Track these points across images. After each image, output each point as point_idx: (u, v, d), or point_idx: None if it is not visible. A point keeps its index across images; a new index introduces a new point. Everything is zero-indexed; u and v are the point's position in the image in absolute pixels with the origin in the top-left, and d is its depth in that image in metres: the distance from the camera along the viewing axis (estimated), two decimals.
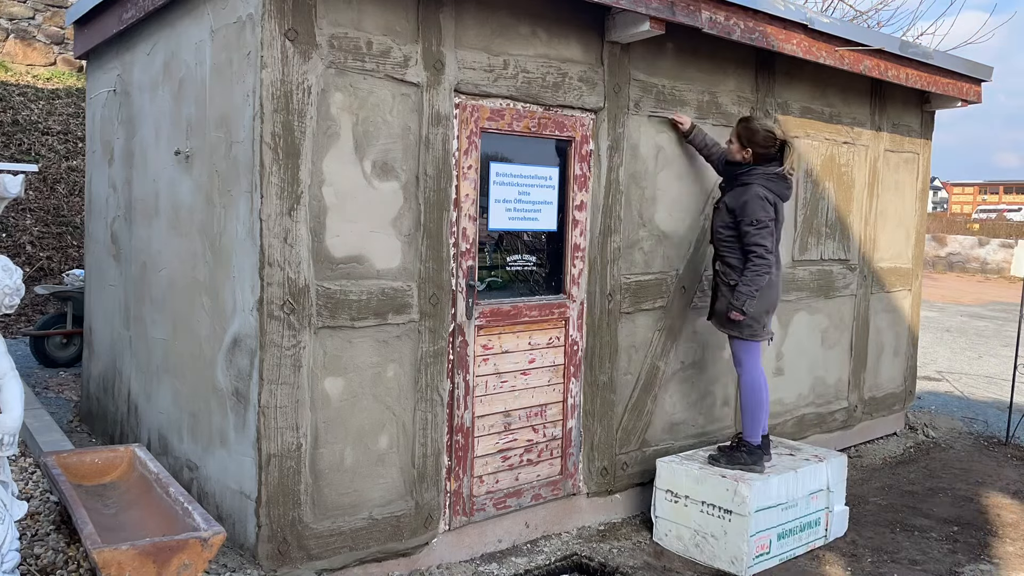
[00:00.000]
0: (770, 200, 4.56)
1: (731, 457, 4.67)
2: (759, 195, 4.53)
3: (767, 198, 4.54)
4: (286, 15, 3.45)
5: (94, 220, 5.78)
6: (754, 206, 4.52)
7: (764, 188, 4.55)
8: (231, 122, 3.71)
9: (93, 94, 5.74)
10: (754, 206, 4.52)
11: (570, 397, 4.65)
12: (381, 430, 3.88)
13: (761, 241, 4.50)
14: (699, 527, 4.54)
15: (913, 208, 7.03)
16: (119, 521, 3.65)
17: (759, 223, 4.51)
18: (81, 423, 5.83)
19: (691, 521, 4.58)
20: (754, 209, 4.52)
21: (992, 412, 8.07)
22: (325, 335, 3.66)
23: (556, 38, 4.39)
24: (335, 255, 3.68)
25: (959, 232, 28.46)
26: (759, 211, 4.51)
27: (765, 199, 4.53)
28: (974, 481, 6.11)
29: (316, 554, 3.69)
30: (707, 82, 5.19)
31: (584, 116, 4.57)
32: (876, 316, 6.71)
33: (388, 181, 3.82)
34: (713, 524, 4.49)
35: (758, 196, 4.52)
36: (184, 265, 4.24)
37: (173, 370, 4.39)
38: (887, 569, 4.56)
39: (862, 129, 6.36)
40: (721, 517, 4.46)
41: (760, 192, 4.53)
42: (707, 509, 4.51)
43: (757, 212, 4.51)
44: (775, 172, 4.59)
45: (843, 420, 6.46)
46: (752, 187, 4.55)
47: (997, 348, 11.92)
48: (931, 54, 6.26)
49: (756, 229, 4.51)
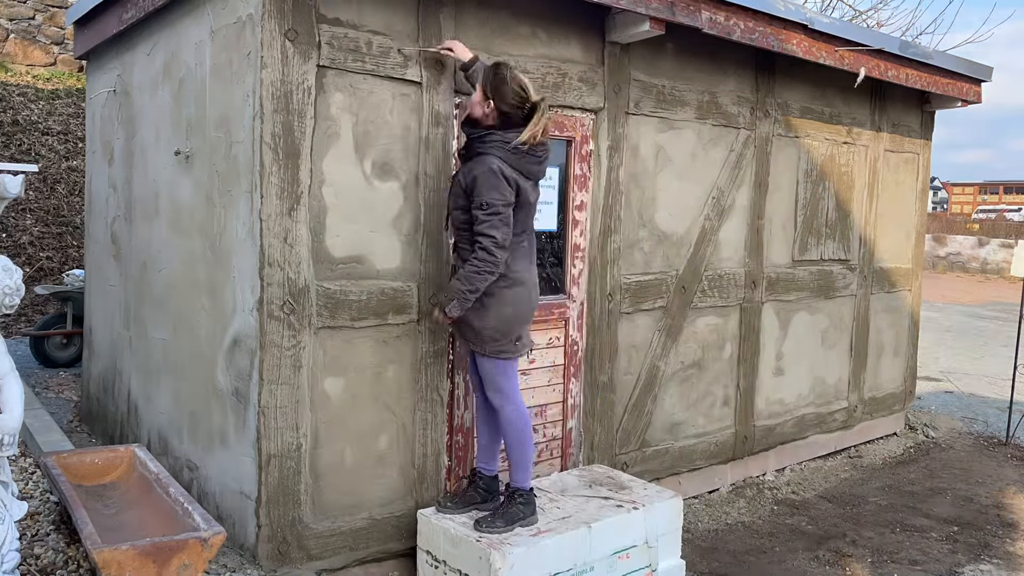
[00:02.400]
0: (508, 177, 3.53)
1: (507, 514, 3.68)
2: (493, 169, 3.51)
3: (503, 173, 3.52)
4: (286, 15, 3.45)
5: (94, 220, 5.78)
6: (484, 183, 3.50)
7: (500, 161, 3.53)
8: (231, 122, 3.71)
9: (93, 94, 5.73)
10: (484, 183, 3.50)
11: (570, 397, 4.65)
12: (381, 430, 3.88)
13: (489, 231, 3.50)
14: None
15: (913, 208, 7.03)
16: (119, 521, 3.65)
17: (488, 206, 3.50)
18: (81, 423, 5.83)
19: None
20: (483, 187, 3.50)
21: (992, 412, 8.07)
22: (325, 335, 3.66)
23: (556, 38, 4.39)
24: (335, 255, 3.68)
25: (959, 232, 28.46)
26: (490, 190, 3.49)
27: (500, 174, 3.51)
28: (974, 481, 6.11)
29: (316, 554, 3.69)
30: (707, 82, 5.19)
31: (584, 116, 4.57)
32: (876, 316, 6.71)
33: (388, 181, 3.82)
34: None
35: (491, 171, 3.51)
36: (184, 265, 4.24)
37: (173, 370, 4.39)
38: (887, 569, 4.56)
39: (862, 129, 6.36)
40: None
41: (494, 165, 3.51)
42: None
43: (487, 192, 3.50)
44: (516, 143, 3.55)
45: (843, 420, 6.46)
46: (486, 158, 3.55)
47: (997, 348, 11.92)
48: (931, 54, 6.27)
49: (485, 214, 3.50)
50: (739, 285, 5.54)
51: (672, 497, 4.14)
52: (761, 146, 5.58)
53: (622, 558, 3.88)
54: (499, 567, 3.42)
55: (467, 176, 3.59)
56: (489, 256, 3.51)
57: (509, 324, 3.66)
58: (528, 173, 3.64)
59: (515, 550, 3.48)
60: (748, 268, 5.59)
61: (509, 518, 3.68)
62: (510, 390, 3.74)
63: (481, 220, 3.52)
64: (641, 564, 3.95)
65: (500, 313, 3.64)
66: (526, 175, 3.63)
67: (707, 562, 4.54)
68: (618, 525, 3.85)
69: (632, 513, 3.92)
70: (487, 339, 3.66)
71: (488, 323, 3.64)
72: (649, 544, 3.98)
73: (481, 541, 3.54)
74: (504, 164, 3.54)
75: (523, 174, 3.61)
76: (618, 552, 3.86)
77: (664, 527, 4.05)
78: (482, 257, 3.52)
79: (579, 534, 3.71)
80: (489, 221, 3.51)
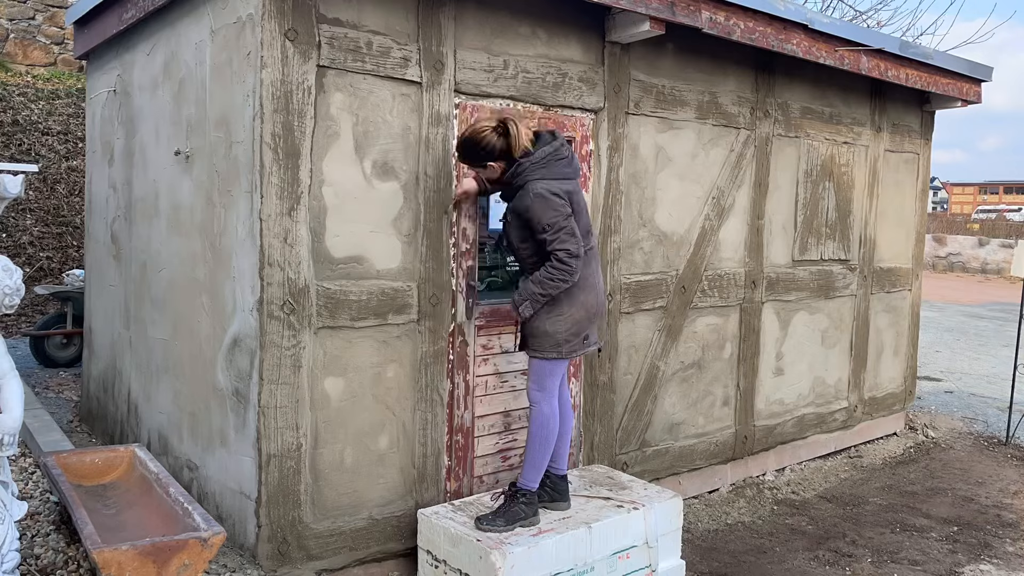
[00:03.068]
0: (557, 193, 3.66)
1: (509, 513, 3.72)
2: (539, 193, 3.64)
3: (550, 191, 3.65)
4: (286, 15, 3.45)
5: (94, 220, 5.78)
6: (538, 209, 3.65)
7: (542, 182, 3.67)
8: (231, 122, 3.71)
9: (93, 94, 5.74)
10: (538, 209, 3.65)
11: (570, 397, 4.64)
12: (381, 430, 3.88)
13: (560, 246, 3.64)
14: None
15: (913, 208, 7.03)
16: (119, 521, 3.65)
17: (551, 227, 3.64)
18: (81, 423, 5.83)
19: None
20: (539, 213, 3.65)
21: (992, 412, 8.07)
22: (325, 335, 3.66)
23: (556, 38, 4.39)
24: (335, 255, 3.68)
25: (959, 232, 28.48)
26: (546, 212, 3.64)
27: (549, 194, 3.65)
28: (974, 481, 6.11)
29: (316, 554, 3.69)
30: (707, 82, 5.19)
31: (584, 116, 4.57)
32: (876, 316, 6.71)
33: (388, 181, 3.82)
34: None
35: (539, 195, 3.64)
36: (184, 265, 4.24)
37: (173, 370, 4.39)
38: (887, 569, 4.56)
39: (862, 129, 6.36)
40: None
41: (539, 189, 3.65)
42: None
43: (546, 216, 3.64)
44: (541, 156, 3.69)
45: (843, 420, 6.46)
46: (528, 185, 3.68)
47: (997, 348, 11.92)
48: (931, 54, 6.27)
49: (551, 234, 3.65)
50: (739, 285, 5.54)
51: (672, 497, 4.13)
52: (761, 146, 5.59)
53: (622, 558, 3.87)
54: (499, 567, 3.41)
55: (520, 208, 3.72)
56: (563, 266, 3.65)
57: (579, 325, 3.79)
58: (565, 176, 3.76)
59: (515, 550, 3.47)
60: (748, 268, 5.59)
61: (511, 517, 3.70)
62: (552, 389, 3.83)
63: (549, 240, 3.66)
64: (641, 564, 3.95)
65: (573, 316, 3.76)
66: (564, 178, 3.75)
67: (707, 562, 4.54)
68: (618, 525, 3.85)
69: (632, 513, 3.91)
70: (561, 342, 3.76)
71: (561, 327, 3.75)
72: (649, 544, 3.97)
73: (481, 541, 3.52)
74: (547, 183, 3.68)
75: (562, 179, 3.74)
76: (618, 552, 3.85)
77: (664, 527, 4.04)
78: (557, 267, 3.65)
79: (579, 534, 3.70)
80: (557, 238, 3.65)
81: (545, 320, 3.76)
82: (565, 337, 3.77)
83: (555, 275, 3.66)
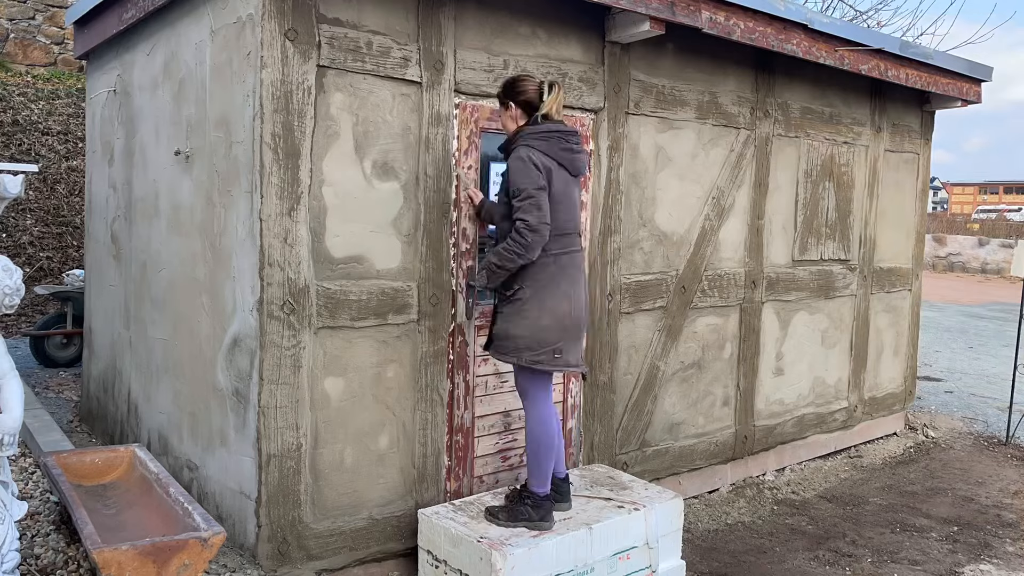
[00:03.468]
0: (537, 163, 3.52)
1: (513, 511, 3.72)
2: (521, 157, 3.53)
3: (531, 159, 3.52)
4: (286, 15, 3.45)
5: (94, 220, 5.78)
6: (515, 172, 3.52)
7: (530, 149, 3.55)
8: (231, 122, 3.71)
9: (93, 94, 5.74)
10: (515, 172, 3.52)
11: (570, 397, 4.64)
12: (381, 430, 3.88)
13: (522, 215, 3.47)
14: None
15: (913, 208, 7.03)
16: (119, 521, 3.65)
17: (519, 192, 3.49)
18: (81, 423, 5.83)
19: None
20: (514, 176, 3.52)
21: (992, 412, 8.07)
22: (325, 335, 3.66)
23: (556, 38, 4.39)
24: (335, 255, 3.68)
25: (959, 232, 28.47)
26: (520, 178, 3.50)
27: (528, 160, 3.51)
28: (974, 481, 6.11)
29: (316, 554, 3.69)
30: (707, 82, 5.20)
31: (584, 116, 4.57)
32: (876, 316, 6.71)
33: (388, 181, 3.82)
34: None
35: (519, 159, 3.53)
36: (184, 265, 4.24)
37: (173, 370, 4.39)
38: (887, 569, 4.56)
39: (862, 129, 6.36)
40: None
41: (523, 154, 3.54)
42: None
43: (518, 180, 3.50)
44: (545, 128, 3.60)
45: (843, 420, 6.46)
46: (517, 150, 3.58)
47: (997, 348, 11.92)
48: (931, 54, 6.27)
49: (518, 200, 3.49)
50: (739, 285, 5.54)
51: (673, 498, 4.11)
52: (761, 146, 5.59)
53: (623, 559, 3.84)
54: (500, 567, 3.39)
55: (505, 174, 3.63)
56: (520, 238, 3.48)
57: (545, 334, 3.60)
58: (561, 160, 3.60)
59: (516, 551, 3.46)
60: (748, 268, 5.59)
61: (514, 515, 3.70)
62: (537, 399, 3.73)
63: (515, 207, 3.51)
64: (642, 565, 3.93)
65: (538, 322, 3.60)
66: (559, 162, 3.59)
67: (707, 562, 4.54)
68: (619, 526, 3.83)
69: (633, 514, 3.89)
70: (522, 347, 3.61)
71: (523, 331, 3.61)
72: (650, 545, 3.96)
73: (482, 542, 3.51)
74: (533, 151, 3.55)
75: (557, 161, 3.59)
76: (619, 553, 3.83)
77: (665, 528, 4.02)
78: (515, 238, 3.50)
79: (580, 535, 3.68)
80: (522, 206, 3.49)
81: (508, 321, 3.66)
82: (527, 343, 3.60)
83: (511, 246, 3.50)
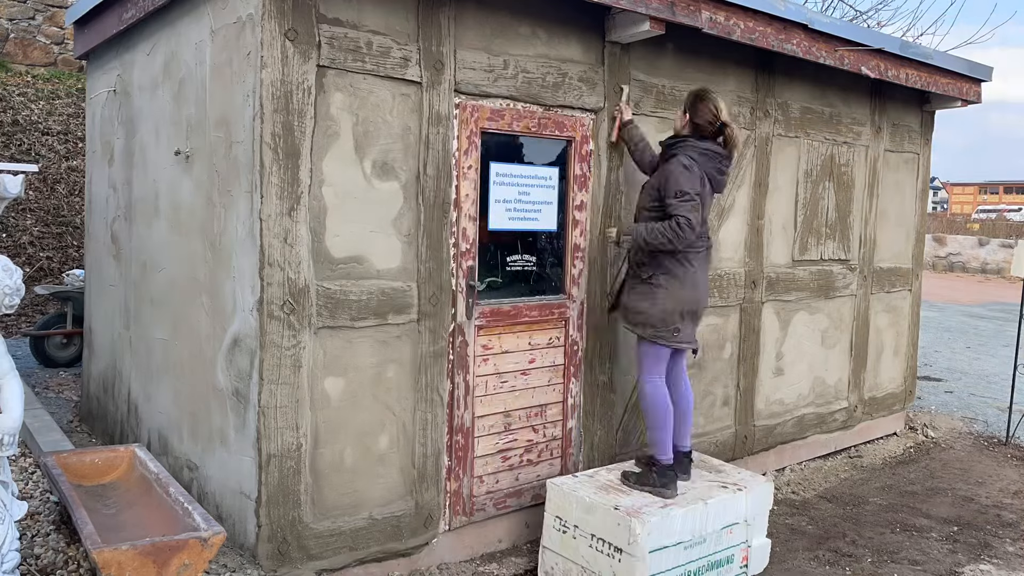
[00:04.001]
0: (697, 173, 4.05)
1: (641, 476, 4.14)
2: (684, 164, 4.03)
3: (693, 169, 4.04)
4: (286, 15, 3.45)
5: (94, 220, 5.78)
6: (678, 176, 4.00)
7: (690, 159, 4.07)
8: (231, 122, 3.71)
9: (93, 94, 5.74)
10: (678, 176, 4.00)
11: (570, 397, 4.65)
12: (381, 430, 3.88)
13: (681, 212, 3.94)
14: (587, 564, 3.89)
15: (913, 208, 7.03)
16: (119, 521, 3.65)
17: (681, 194, 3.96)
18: (81, 423, 5.83)
19: (579, 557, 3.94)
20: (678, 179, 3.99)
21: (992, 412, 8.07)
22: (325, 335, 3.66)
23: (556, 38, 4.39)
24: (335, 255, 3.68)
25: (959, 232, 28.46)
26: (684, 182, 3.98)
27: (690, 169, 4.02)
28: (974, 481, 6.11)
29: (316, 554, 3.69)
30: (707, 82, 5.18)
31: (584, 116, 4.57)
32: (876, 316, 6.71)
33: (388, 181, 3.82)
34: (602, 563, 3.83)
35: (682, 165, 4.03)
36: (184, 265, 4.24)
37: (173, 370, 4.39)
38: (887, 569, 4.56)
39: (862, 129, 6.36)
40: (611, 556, 3.80)
41: (685, 162, 4.05)
42: (596, 544, 3.86)
43: (682, 183, 3.98)
44: (707, 147, 4.13)
45: (843, 420, 6.46)
46: (678, 157, 4.09)
47: (997, 348, 11.92)
48: (931, 54, 6.27)
49: (680, 201, 3.96)
50: (739, 285, 5.54)
51: (766, 481, 4.42)
52: (761, 146, 5.59)
53: (728, 533, 4.16)
54: (639, 532, 3.72)
55: (660, 177, 4.09)
56: (677, 228, 3.91)
57: (670, 315, 4.09)
58: (712, 179, 4.12)
59: (651, 519, 3.78)
60: (748, 268, 5.59)
61: (642, 480, 4.11)
62: (648, 370, 4.16)
63: (675, 205, 3.95)
64: (741, 539, 4.24)
65: (664, 304, 4.07)
66: (710, 179, 4.11)
67: None
68: (727, 503, 4.14)
69: (737, 494, 4.20)
70: (647, 323, 4.09)
71: (655, 309, 4.08)
72: (748, 522, 4.25)
73: (619, 510, 3.83)
74: (694, 162, 4.04)
75: (708, 178, 4.10)
76: (726, 527, 4.15)
77: (759, 508, 4.32)
78: (672, 226, 3.93)
79: (699, 508, 4.01)
80: (684, 205, 3.93)
81: (641, 299, 4.14)
82: (650, 320, 4.09)
83: (666, 231, 3.93)
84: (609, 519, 3.83)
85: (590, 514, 3.92)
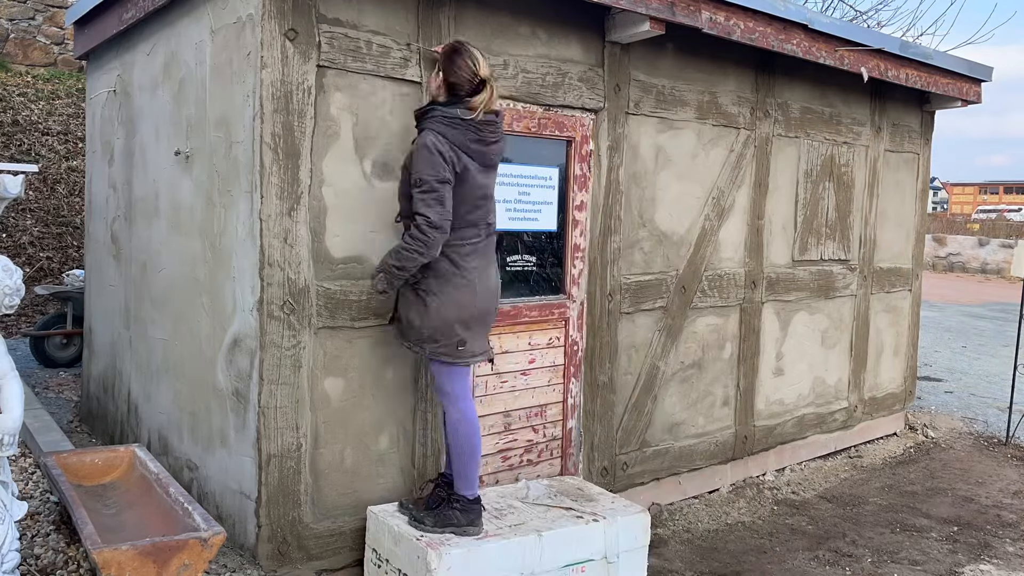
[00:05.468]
0: (443, 153, 3.30)
1: (441, 516, 3.49)
2: (427, 144, 3.30)
3: (438, 148, 3.30)
4: (286, 15, 3.45)
5: (94, 220, 5.78)
6: (418, 160, 3.31)
7: (438, 136, 3.33)
8: (231, 122, 3.71)
9: (93, 94, 5.74)
10: (418, 160, 3.31)
11: (570, 397, 4.65)
12: (381, 430, 3.88)
13: (422, 209, 3.27)
14: None
15: (913, 208, 7.03)
16: (119, 521, 3.65)
17: (421, 183, 3.28)
18: (81, 423, 5.83)
19: None
20: (418, 164, 3.31)
21: (992, 412, 8.07)
22: (325, 335, 3.66)
23: (556, 38, 4.39)
24: (335, 255, 3.68)
25: (959, 232, 28.45)
26: (423, 167, 3.28)
27: (435, 149, 3.29)
28: (974, 481, 6.11)
29: (316, 554, 3.69)
30: (707, 82, 5.19)
31: (584, 116, 4.57)
32: (876, 316, 6.71)
33: (388, 181, 3.82)
34: None
35: (425, 146, 3.30)
36: (184, 265, 4.24)
37: (173, 370, 4.39)
38: (887, 569, 4.56)
39: (862, 129, 6.36)
40: None
41: (429, 140, 3.31)
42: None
43: (420, 168, 3.29)
44: (452, 114, 3.35)
45: (843, 420, 6.46)
46: (424, 134, 3.37)
47: (997, 348, 11.91)
48: (931, 54, 6.27)
49: (419, 192, 3.29)
50: (739, 285, 5.54)
51: (639, 512, 3.90)
52: (761, 146, 5.59)
53: (576, 571, 3.63)
54: (435, 567, 3.24)
55: (409, 158, 3.44)
56: (420, 235, 3.26)
57: (450, 326, 3.42)
58: (470, 152, 3.37)
59: (454, 551, 3.30)
60: (748, 268, 5.59)
61: (442, 520, 3.48)
62: (455, 394, 3.51)
63: (415, 199, 3.30)
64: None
65: (441, 313, 3.41)
66: (469, 154, 3.38)
67: (707, 562, 4.54)
68: (574, 535, 3.62)
69: (591, 525, 3.69)
70: (425, 339, 3.45)
71: (427, 322, 3.42)
72: (609, 559, 3.73)
73: (420, 540, 3.35)
74: (441, 139, 3.32)
75: (465, 152, 3.37)
76: (572, 565, 3.61)
77: (628, 543, 3.80)
78: (414, 235, 3.29)
79: (527, 541, 3.49)
80: (423, 199, 3.28)
81: (409, 309, 3.50)
82: (427, 335, 3.43)
83: (410, 244, 3.29)
84: (411, 551, 3.35)
85: (398, 546, 3.44)
